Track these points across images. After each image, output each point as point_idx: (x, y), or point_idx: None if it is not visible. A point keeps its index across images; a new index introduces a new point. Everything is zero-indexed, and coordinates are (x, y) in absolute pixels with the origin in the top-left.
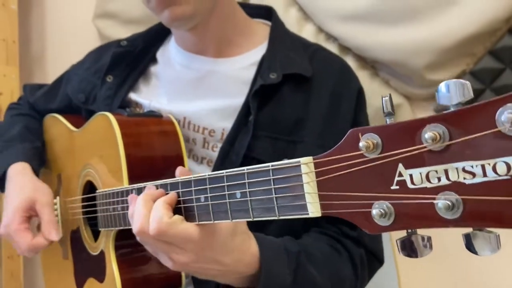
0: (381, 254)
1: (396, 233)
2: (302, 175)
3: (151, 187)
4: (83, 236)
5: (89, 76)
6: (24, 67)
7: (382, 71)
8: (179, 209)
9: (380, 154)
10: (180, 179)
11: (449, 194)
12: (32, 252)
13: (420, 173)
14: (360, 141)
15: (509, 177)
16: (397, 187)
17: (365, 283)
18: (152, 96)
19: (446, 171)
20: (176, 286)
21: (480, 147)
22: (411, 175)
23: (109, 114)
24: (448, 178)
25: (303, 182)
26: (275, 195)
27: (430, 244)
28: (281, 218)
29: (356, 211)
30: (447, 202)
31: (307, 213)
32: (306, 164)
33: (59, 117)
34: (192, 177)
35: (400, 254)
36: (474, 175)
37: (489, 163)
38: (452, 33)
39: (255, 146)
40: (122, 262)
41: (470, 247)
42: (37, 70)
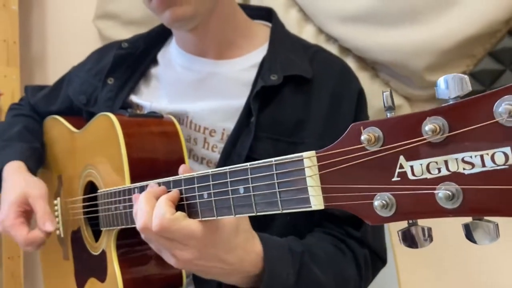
0: (384, 254)
1: (395, 231)
2: (305, 168)
3: (153, 185)
4: (84, 236)
5: (90, 78)
6: (25, 68)
7: (382, 72)
8: (182, 206)
9: (381, 147)
10: (183, 177)
11: (449, 184)
12: (30, 246)
13: (421, 164)
14: (362, 134)
15: (507, 167)
16: (398, 179)
17: (368, 283)
18: (153, 98)
19: (446, 162)
20: (177, 286)
21: (479, 138)
22: (412, 167)
23: (110, 115)
24: (448, 169)
25: (306, 175)
26: (278, 189)
27: (430, 235)
28: (284, 212)
29: (358, 203)
30: (447, 192)
31: (309, 206)
32: (309, 158)
33: (60, 119)
34: (195, 174)
35: (402, 244)
36: (473, 165)
37: (487, 154)
38: (452, 35)
39: (256, 147)
40: (123, 261)
41: (469, 237)
42: (38, 70)
